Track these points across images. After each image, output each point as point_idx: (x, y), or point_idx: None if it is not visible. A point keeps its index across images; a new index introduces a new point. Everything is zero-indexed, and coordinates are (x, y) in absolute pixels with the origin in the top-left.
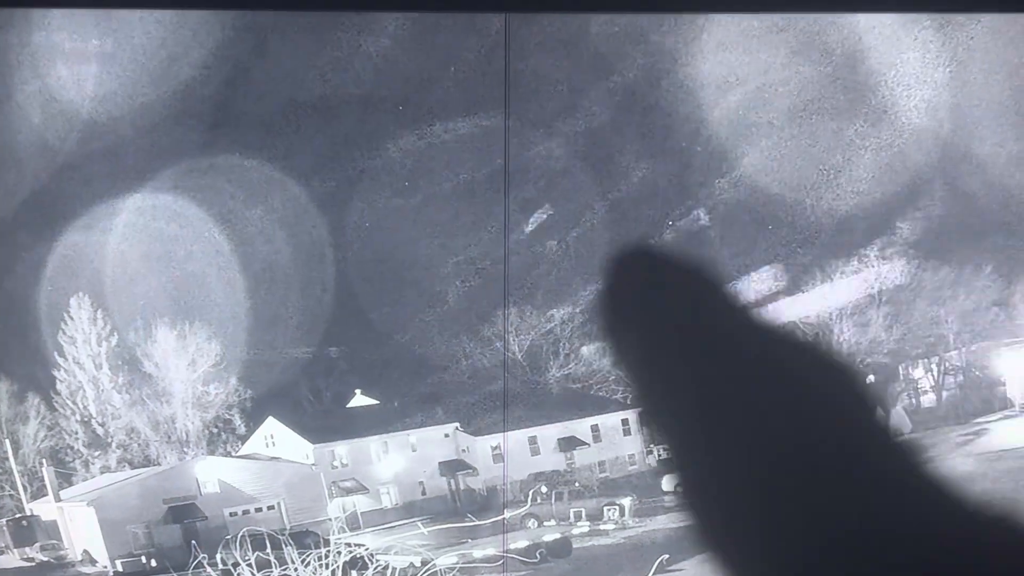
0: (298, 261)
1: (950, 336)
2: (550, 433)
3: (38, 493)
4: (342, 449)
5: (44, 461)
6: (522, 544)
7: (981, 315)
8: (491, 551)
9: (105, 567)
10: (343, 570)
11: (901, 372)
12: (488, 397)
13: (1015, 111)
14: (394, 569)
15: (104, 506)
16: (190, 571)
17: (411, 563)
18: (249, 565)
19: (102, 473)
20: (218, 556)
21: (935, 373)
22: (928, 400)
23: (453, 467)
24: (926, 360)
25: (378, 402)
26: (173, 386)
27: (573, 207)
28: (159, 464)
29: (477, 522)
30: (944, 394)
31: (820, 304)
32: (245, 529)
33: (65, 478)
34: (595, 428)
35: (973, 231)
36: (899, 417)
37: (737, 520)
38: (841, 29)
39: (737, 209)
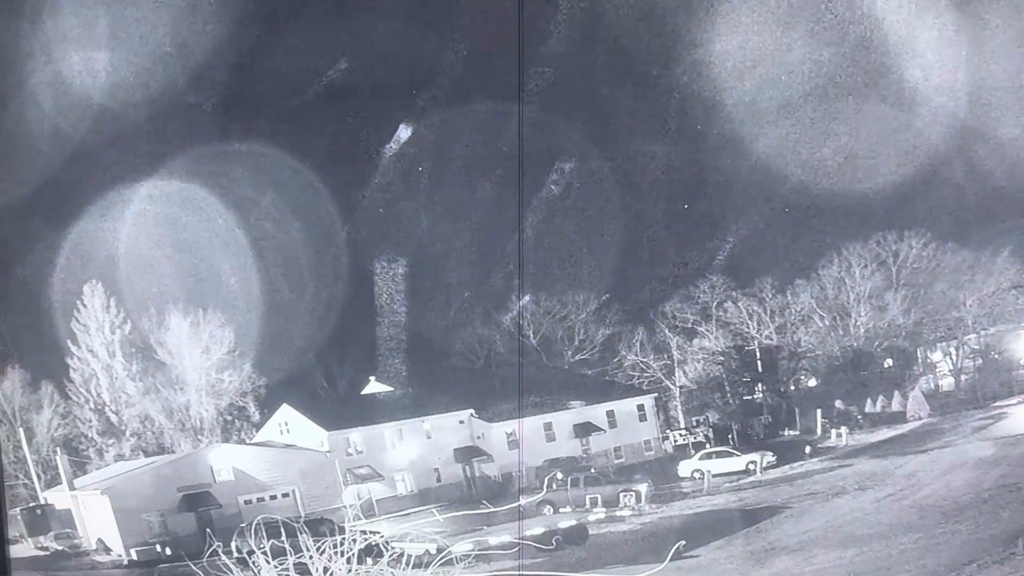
0: (311, 247)
1: (969, 319)
2: (565, 419)
3: (52, 482)
4: (357, 436)
5: (58, 449)
6: (538, 531)
7: (1000, 298)
8: (506, 538)
9: (120, 556)
10: (358, 557)
11: (920, 356)
12: (503, 383)
13: None
14: (409, 556)
15: (118, 494)
16: (205, 559)
17: (426, 550)
18: (264, 553)
19: (116, 461)
20: (233, 544)
21: (954, 357)
22: (947, 384)
23: (468, 454)
24: (945, 343)
25: (392, 389)
26: (187, 373)
27: (588, 191)
28: (173, 452)
29: (492, 509)
30: (963, 378)
31: None
32: (260, 517)
33: (79, 466)
34: (610, 414)
35: (992, 213)
36: (917, 401)
37: None
38: (857, 9)
39: (754, 192)
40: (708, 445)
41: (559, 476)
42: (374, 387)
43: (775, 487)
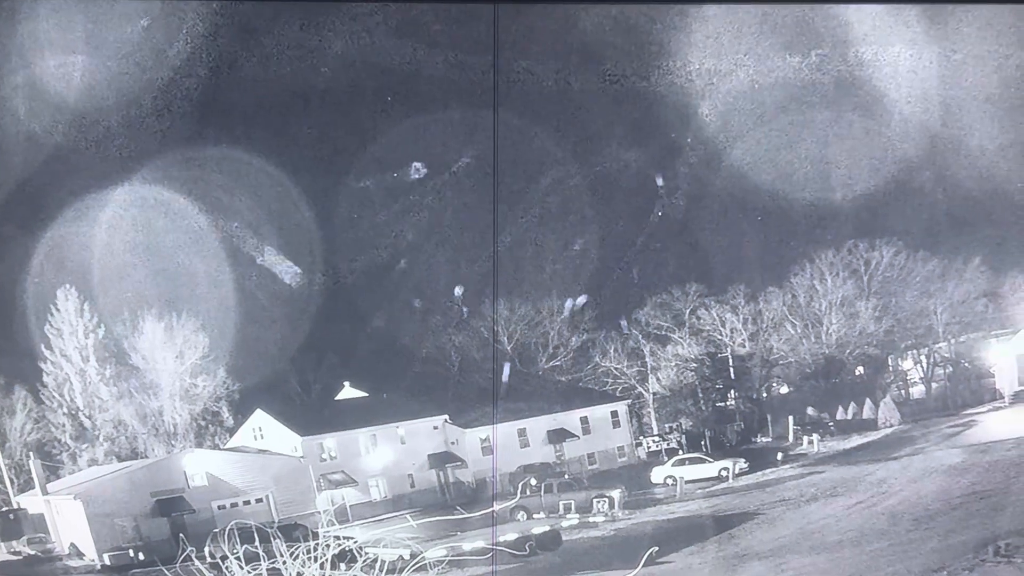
0: (286, 252)
1: (939, 327)
2: (539, 425)
3: (25, 486)
4: (331, 442)
5: (31, 454)
6: (511, 537)
7: (970, 306)
8: (480, 544)
9: (92, 560)
10: (331, 563)
11: (890, 363)
12: (477, 389)
13: (1004, 102)
14: (383, 562)
15: (91, 499)
16: (178, 564)
17: (400, 556)
18: (237, 558)
19: (89, 466)
20: (206, 549)
21: (924, 364)
22: (917, 391)
23: (442, 459)
24: (915, 351)
25: (367, 394)
26: (161, 378)
27: (562, 198)
28: (147, 457)
29: (466, 515)
30: (933, 386)
31: None
32: (233, 522)
33: (52, 471)
34: (584, 420)
35: (962, 222)
36: (888, 408)
37: None
38: (830, 20)
39: (727, 200)
40: (681, 451)
41: (533, 482)
42: (348, 393)
43: (747, 493)
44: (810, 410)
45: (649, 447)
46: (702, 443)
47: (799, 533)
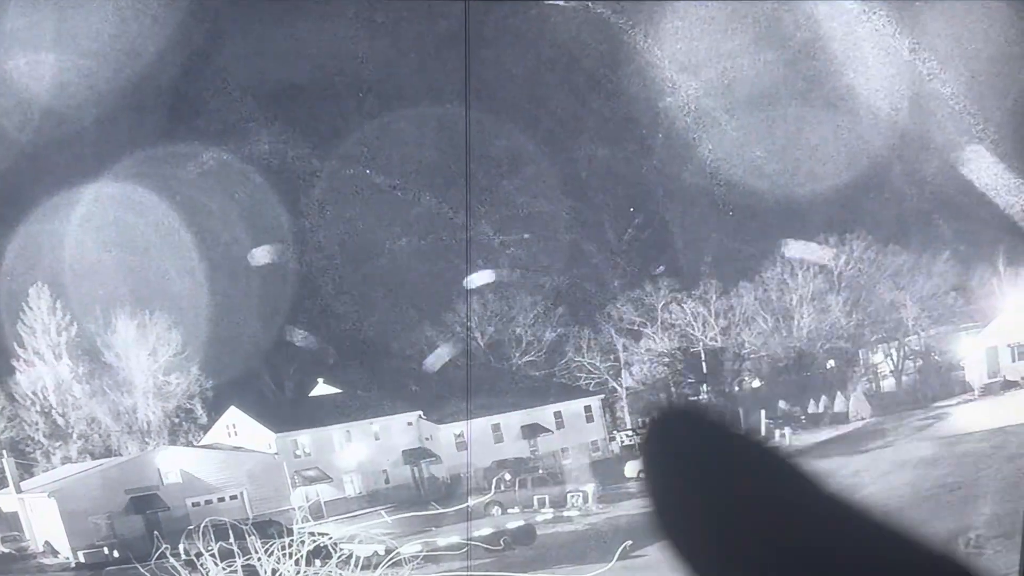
0: (258, 249)
1: (909, 321)
2: (513, 420)
3: None
4: (305, 438)
5: (4, 452)
6: (486, 531)
7: (940, 300)
8: (455, 539)
9: (67, 558)
10: (306, 559)
11: (861, 357)
12: (451, 385)
13: (972, 97)
14: (358, 558)
15: (65, 497)
16: (152, 562)
17: (375, 552)
18: (212, 555)
19: (63, 464)
20: (181, 546)
21: (895, 358)
22: (888, 384)
23: (416, 455)
24: (886, 345)
25: (341, 391)
26: (134, 376)
27: (533, 194)
28: (120, 454)
29: (441, 510)
30: (904, 379)
31: None
32: (208, 519)
33: (26, 469)
34: (558, 415)
35: (931, 216)
36: (859, 402)
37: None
38: (800, 16)
39: (697, 195)
40: None
41: (507, 477)
42: (322, 389)
43: None
44: (782, 404)
45: (623, 441)
46: None
47: None
